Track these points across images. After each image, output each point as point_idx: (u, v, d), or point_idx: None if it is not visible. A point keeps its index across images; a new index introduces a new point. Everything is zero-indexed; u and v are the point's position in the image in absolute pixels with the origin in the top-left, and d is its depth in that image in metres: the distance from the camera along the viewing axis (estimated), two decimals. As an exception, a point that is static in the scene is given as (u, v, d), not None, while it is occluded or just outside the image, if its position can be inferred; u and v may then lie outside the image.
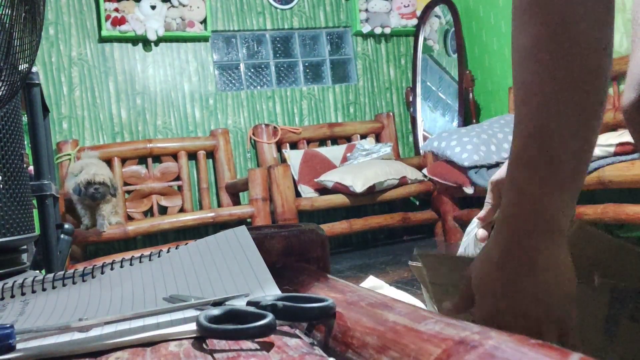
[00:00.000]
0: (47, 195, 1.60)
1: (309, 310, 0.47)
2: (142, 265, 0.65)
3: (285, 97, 4.11)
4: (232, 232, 0.69)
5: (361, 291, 0.51)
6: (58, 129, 3.59)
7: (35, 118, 1.61)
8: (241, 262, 0.64)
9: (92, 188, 2.99)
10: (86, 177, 2.99)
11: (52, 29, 3.63)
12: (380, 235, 4.11)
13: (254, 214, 3.33)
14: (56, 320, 0.49)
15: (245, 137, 3.98)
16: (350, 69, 4.34)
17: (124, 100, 3.75)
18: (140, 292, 0.59)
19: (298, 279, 0.62)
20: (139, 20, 3.70)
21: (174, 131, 3.83)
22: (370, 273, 1.97)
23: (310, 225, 0.71)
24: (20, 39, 0.84)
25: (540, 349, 0.27)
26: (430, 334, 0.35)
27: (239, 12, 4.05)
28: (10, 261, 1.15)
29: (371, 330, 0.40)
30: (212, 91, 3.95)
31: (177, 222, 3.36)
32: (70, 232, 1.80)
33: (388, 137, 4.13)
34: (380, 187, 3.41)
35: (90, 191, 2.98)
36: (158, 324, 0.47)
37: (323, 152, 3.91)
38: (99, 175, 3.02)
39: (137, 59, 3.79)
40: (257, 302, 0.47)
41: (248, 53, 4.13)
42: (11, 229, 1.13)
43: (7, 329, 0.42)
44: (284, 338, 0.44)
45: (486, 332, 0.32)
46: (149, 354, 0.43)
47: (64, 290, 0.63)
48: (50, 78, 3.61)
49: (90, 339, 0.44)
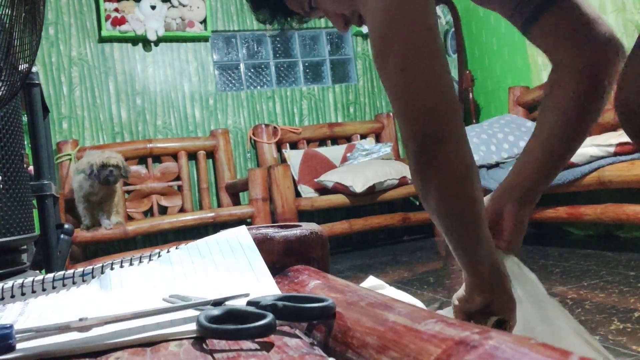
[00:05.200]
0: (47, 195, 1.60)
1: (309, 310, 0.47)
2: (142, 265, 0.65)
3: (285, 97, 4.12)
4: (232, 232, 0.69)
5: (361, 291, 0.51)
6: (58, 129, 3.59)
7: (35, 118, 1.61)
8: (241, 262, 0.64)
9: (107, 170, 3.02)
10: (101, 159, 3.03)
11: (52, 29, 3.63)
12: (380, 235, 4.11)
13: (254, 214, 3.33)
14: (56, 320, 0.49)
15: (245, 137, 3.98)
16: (350, 69, 4.34)
17: (124, 100, 3.75)
18: (140, 292, 0.59)
19: (298, 279, 0.62)
20: (139, 20, 3.70)
21: (174, 131, 3.83)
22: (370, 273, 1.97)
23: (310, 226, 0.71)
24: (20, 39, 0.85)
25: (540, 349, 0.27)
26: (430, 334, 0.35)
27: (239, 12, 4.05)
28: (10, 261, 1.15)
29: (371, 330, 0.40)
30: (212, 91, 3.95)
31: (177, 222, 3.36)
32: (70, 232, 1.80)
33: (388, 137, 4.14)
34: (380, 187, 3.41)
35: (104, 173, 3.01)
36: (158, 324, 0.47)
37: (323, 152, 3.91)
38: (113, 158, 3.06)
39: (137, 59, 3.79)
40: (257, 302, 0.47)
41: (248, 53, 4.13)
42: (11, 229, 1.13)
43: (7, 329, 0.42)
44: (284, 338, 0.44)
45: (486, 332, 0.32)
46: (149, 354, 0.43)
47: (64, 290, 0.63)
48: (50, 78, 3.61)
49: (90, 339, 0.44)
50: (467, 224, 0.76)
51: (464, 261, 0.79)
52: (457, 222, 0.76)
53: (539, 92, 3.30)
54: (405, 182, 3.51)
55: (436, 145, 0.72)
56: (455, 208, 0.76)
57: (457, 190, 0.75)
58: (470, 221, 0.76)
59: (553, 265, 2.22)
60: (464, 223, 0.76)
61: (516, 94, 3.49)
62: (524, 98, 3.42)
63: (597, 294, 1.69)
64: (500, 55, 3.75)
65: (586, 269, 2.06)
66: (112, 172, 3.02)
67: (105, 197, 3.14)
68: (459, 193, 0.75)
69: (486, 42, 3.83)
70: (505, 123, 3.23)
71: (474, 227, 0.76)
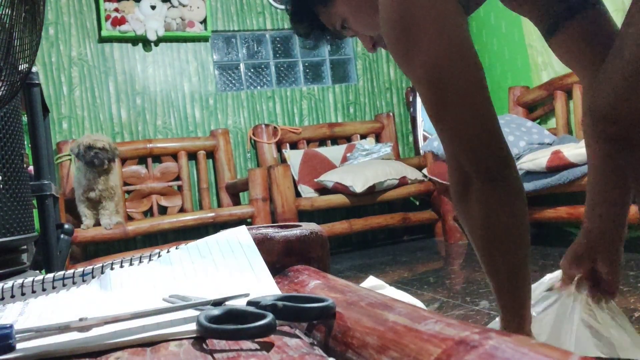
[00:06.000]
0: (47, 195, 1.60)
1: (309, 310, 0.47)
2: (142, 265, 0.65)
3: (285, 97, 4.12)
4: (232, 232, 0.69)
5: (361, 291, 0.51)
6: (58, 129, 3.59)
7: (35, 118, 1.61)
8: (241, 262, 0.64)
9: (93, 152, 3.02)
10: (87, 141, 3.03)
11: (52, 29, 3.63)
12: (380, 235, 4.11)
13: (254, 214, 3.33)
14: (56, 320, 0.49)
15: (245, 137, 3.98)
16: (350, 69, 4.34)
17: (124, 100, 3.75)
18: (140, 292, 0.59)
19: (298, 279, 0.62)
20: (139, 20, 3.70)
21: (174, 131, 3.83)
22: (370, 273, 1.97)
23: (310, 226, 0.71)
24: (20, 39, 0.85)
25: (540, 349, 0.27)
26: (430, 334, 0.35)
27: (239, 12, 4.05)
28: (10, 261, 1.15)
29: (371, 330, 0.40)
30: (212, 91, 3.95)
31: (177, 222, 3.36)
32: (70, 232, 1.80)
33: (388, 137, 4.13)
34: (380, 187, 3.41)
35: (90, 154, 3.01)
36: (158, 324, 0.47)
37: (323, 152, 3.91)
38: (100, 140, 3.06)
39: (137, 59, 3.79)
40: (257, 302, 0.47)
41: (248, 53, 4.13)
42: (11, 229, 1.13)
43: (7, 329, 0.42)
44: (284, 338, 0.44)
45: (486, 332, 0.32)
46: (149, 354, 0.43)
47: (64, 290, 0.63)
48: (50, 78, 3.61)
49: (90, 339, 0.44)
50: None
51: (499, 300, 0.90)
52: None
53: (539, 92, 3.30)
54: (405, 182, 3.51)
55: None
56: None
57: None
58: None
59: (553, 265, 2.22)
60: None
61: (516, 94, 3.48)
62: (524, 98, 3.42)
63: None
64: (500, 55, 3.75)
65: (586, 269, 2.06)
66: (98, 155, 3.02)
67: (104, 194, 3.13)
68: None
69: (486, 42, 3.83)
70: (505, 123, 3.23)
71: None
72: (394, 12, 0.80)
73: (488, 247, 0.86)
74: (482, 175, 0.82)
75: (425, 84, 0.81)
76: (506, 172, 0.83)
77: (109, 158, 3.09)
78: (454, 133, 0.82)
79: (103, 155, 3.04)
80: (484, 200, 0.82)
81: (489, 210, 0.83)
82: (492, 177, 0.82)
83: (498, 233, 0.84)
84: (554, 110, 3.19)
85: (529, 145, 3.01)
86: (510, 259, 0.85)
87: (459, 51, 0.80)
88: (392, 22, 0.81)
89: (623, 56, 0.73)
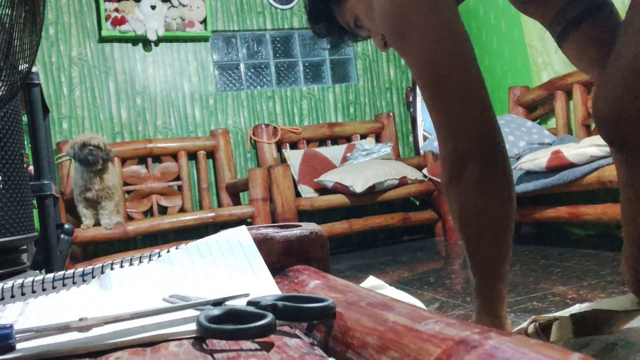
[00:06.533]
0: (47, 195, 1.60)
1: (309, 310, 0.47)
2: (142, 265, 0.65)
3: (285, 97, 4.11)
4: (232, 232, 0.69)
5: (361, 291, 0.51)
6: (58, 129, 3.59)
7: (35, 118, 1.61)
8: (241, 262, 0.64)
9: (87, 149, 3.01)
10: (82, 139, 3.03)
11: (52, 29, 3.63)
12: (380, 235, 4.11)
13: (254, 214, 3.33)
14: (56, 320, 0.49)
15: (246, 137, 3.98)
16: (350, 69, 4.34)
17: (124, 100, 3.75)
18: (140, 292, 0.59)
19: (298, 279, 0.62)
20: (139, 20, 3.70)
21: (174, 131, 3.83)
22: (370, 273, 1.97)
23: (310, 226, 0.71)
24: (20, 39, 0.84)
25: (540, 349, 0.27)
26: (430, 334, 0.35)
27: (239, 12, 4.05)
28: (10, 261, 1.15)
29: (371, 330, 0.40)
30: (212, 91, 3.95)
31: (177, 222, 3.36)
32: (70, 232, 1.80)
33: (388, 137, 4.13)
34: (380, 187, 3.41)
35: (84, 152, 3.01)
36: (158, 324, 0.47)
37: (323, 152, 3.90)
38: (95, 138, 3.06)
39: (137, 59, 3.79)
40: (257, 302, 0.47)
41: (248, 53, 4.13)
42: (11, 229, 1.13)
43: (7, 329, 0.42)
44: (284, 338, 0.44)
45: (486, 332, 0.32)
46: (149, 354, 0.43)
47: (64, 290, 0.63)
48: (50, 78, 3.61)
49: (90, 339, 0.44)
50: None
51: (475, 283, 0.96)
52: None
53: (539, 92, 3.30)
54: (405, 182, 3.52)
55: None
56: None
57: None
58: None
59: (553, 265, 2.22)
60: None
61: (516, 93, 3.48)
62: (524, 98, 3.42)
63: (598, 293, 1.69)
64: (500, 55, 3.75)
65: (586, 268, 2.06)
66: (92, 152, 3.01)
67: (101, 194, 3.12)
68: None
69: (486, 42, 3.83)
70: (505, 123, 3.23)
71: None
72: (387, 3, 0.83)
73: (477, 229, 0.87)
74: (478, 155, 0.82)
75: (420, 67, 0.83)
76: (500, 158, 0.84)
77: (103, 157, 3.08)
78: (452, 111, 0.82)
79: (97, 152, 3.03)
80: (481, 181, 0.83)
81: (485, 195, 0.83)
82: (489, 159, 0.83)
83: (489, 217, 0.85)
84: (554, 110, 3.19)
85: (529, 145, 3.01)
86: (498, 242, 0.88)
87: (452, 34, 0.82)
88: (385, 13, 0.84)
89: (622, 57, 0.73)
